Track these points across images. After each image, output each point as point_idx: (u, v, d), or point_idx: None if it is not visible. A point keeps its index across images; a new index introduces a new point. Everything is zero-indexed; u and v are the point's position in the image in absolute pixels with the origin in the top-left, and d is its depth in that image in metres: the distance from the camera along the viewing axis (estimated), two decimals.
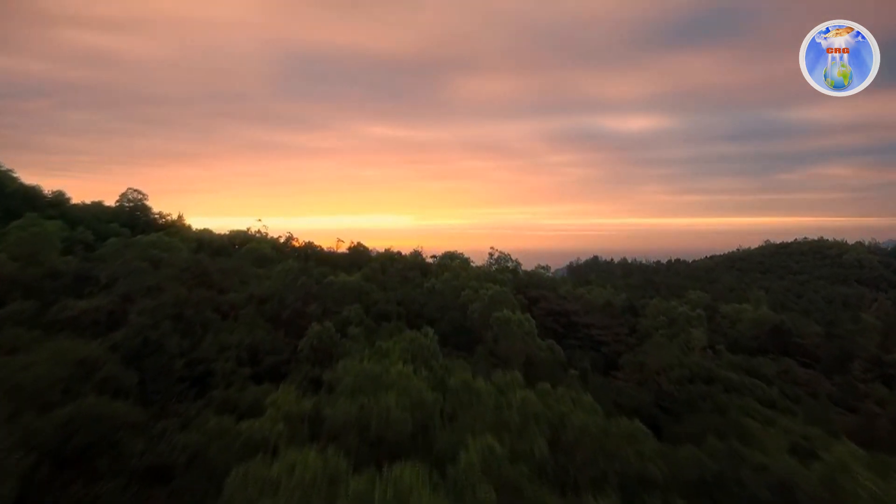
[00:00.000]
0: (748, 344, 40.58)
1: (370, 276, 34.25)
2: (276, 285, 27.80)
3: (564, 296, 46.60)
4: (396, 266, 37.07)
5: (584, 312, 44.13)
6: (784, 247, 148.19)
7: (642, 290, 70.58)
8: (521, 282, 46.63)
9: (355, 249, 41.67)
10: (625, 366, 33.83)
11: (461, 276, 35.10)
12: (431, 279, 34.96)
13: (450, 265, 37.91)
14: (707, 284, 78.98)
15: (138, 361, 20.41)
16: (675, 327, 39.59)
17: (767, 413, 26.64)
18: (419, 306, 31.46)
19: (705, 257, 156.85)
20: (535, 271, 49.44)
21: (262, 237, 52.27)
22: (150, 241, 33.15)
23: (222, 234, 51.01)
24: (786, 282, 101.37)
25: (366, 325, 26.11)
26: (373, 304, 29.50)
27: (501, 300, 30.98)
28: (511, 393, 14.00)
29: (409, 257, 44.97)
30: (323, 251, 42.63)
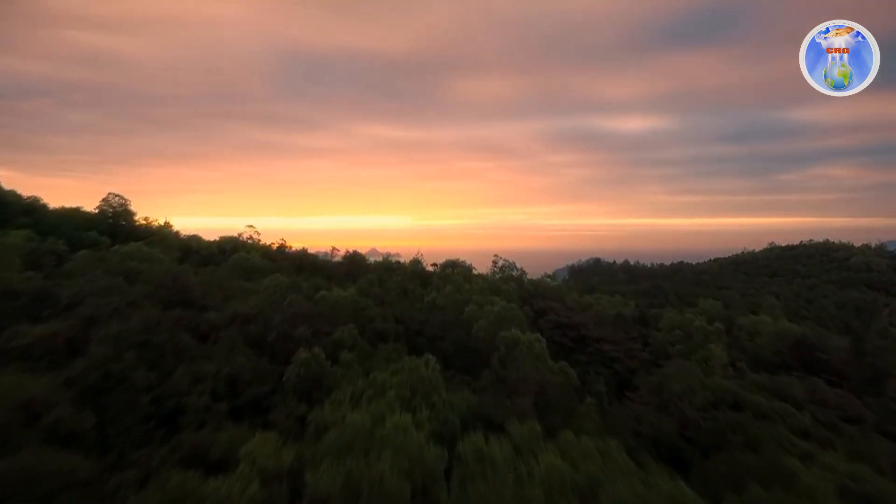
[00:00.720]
0: (769, 360, 38.12)
1: (366, 289, 31.72)
2: (262, 303, 25.28)
3: (572, 306, 44.11)
4: (395, 278, 34.59)
5: (594, 325, 41.63)
6: (790, 249, 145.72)
7: (650, 297, 68.09)
8: (527, 291, 44.15)
9: (351, 258, 39.03)
10: (641, 387, 31.38)
11: (464, 288, 32.61)
12: (432, 292, 32.46)
13: (452, 276, 35.42)
14: (716, 290, 76.51)
15: (97, 399, 17.94)
16: (692, 342, 37.08)
17: (804, 446, 24.16)
18: (419, 324, 28.95)
19: (710, 260, 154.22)
20: (542, 279, 46.96)
21: (254, 243, 49.77)
22: (128, 252, 30.62)
23: (211, 241, 48.50)
24: (794, 286, 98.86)
25: (360, 349, 23.59)
26: (369, 323, 26.99)
27: (509, 317, 28.47)
28: (532, 458, 11.53)
29: (408, 266, 42.48)
30: (317, 260, 40.09)
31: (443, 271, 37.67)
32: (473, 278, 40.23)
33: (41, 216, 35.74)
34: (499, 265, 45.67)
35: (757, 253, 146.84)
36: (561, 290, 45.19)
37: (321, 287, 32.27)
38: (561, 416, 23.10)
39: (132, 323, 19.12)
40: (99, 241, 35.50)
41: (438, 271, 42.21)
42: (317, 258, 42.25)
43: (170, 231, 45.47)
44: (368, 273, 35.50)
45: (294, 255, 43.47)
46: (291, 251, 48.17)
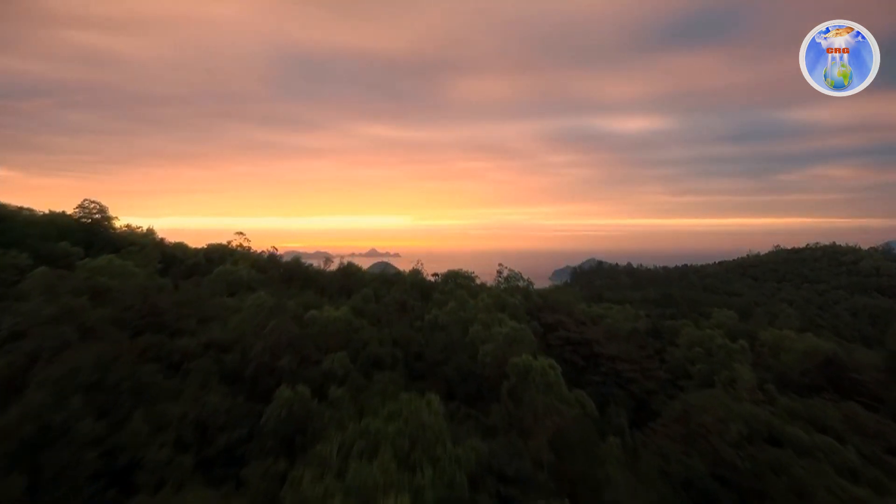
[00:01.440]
0: (797, 380, 35.38)
1: (361, 306, 28.87)
2: (242, 327, 22.45)
3: (582, 320, 41.30)
4: (393, 293, 31.72)
5: (607, 341, 38.86)
6: (796, 252, 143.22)
7: (660, 306, 65.27)
8: (535, 304, 41.33)
9: (346, 270, 36.06)
10: (664, 413, 28.56)
11: (468, 304, 29.78)
12: (433, 309, 29.61)
13: (455, 291, 32.55)
14: (726, 298, 73.77)
15: (33, 456, 15.14)
16: (714, 361, 34.26)
17: (856, 493, 21.40)
18: (419, 346, 26.12)
19: (715, 263, 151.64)
20: (550, 289, 44.14)
21: (244, 251, 46.92)
22: (97, 266, 27.72)
23: (198, 249, 45.63)
24: (804, 291, 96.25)
25: (352, 381, 20.73)
26: (363, 347, 24.14)
27: (519, 340, 25.66)
28: None
29: (407, 277, 39.65)
30: (309, 270, 37.21)
31: (444, 285, 34.76)
32: (478, 291, 37.40)
33: (7, 226, 32.76)
34: (504, 275, 42.88)
35: (763, 256, 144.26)
36: (570, 302, 42.36)
37: (311, 304, 29.42)
38: (582, 459, 20.36)
39: (83, 359, 16.25)
40: (70, 252, 32.60)
41: (440, 283, 39.40)
42: (310, 268, 39.39)
43: (153, 238, 42.59)
44: (364, 287, 32.63)
45: (285, 266, 40.62)
46: (283, 259, 45.34)
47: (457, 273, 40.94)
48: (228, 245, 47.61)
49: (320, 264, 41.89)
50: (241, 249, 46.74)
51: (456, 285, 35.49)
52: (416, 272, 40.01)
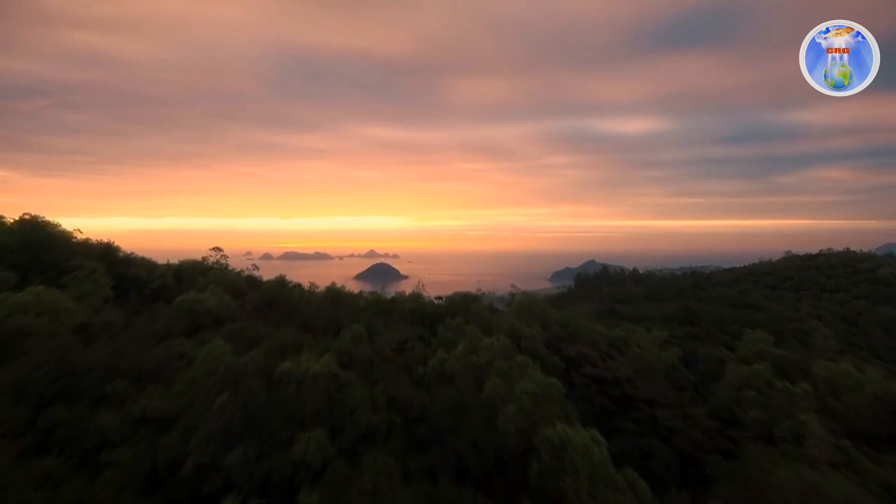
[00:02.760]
0: (867, 428, 30.16)
1: (351, 349, 23.41)
2: (190, 393, 17.03)
3: (607, 351, 35.94)
4: (388, 333, 26.12)
5: (640, 378, 33.56)
6: (810, 259, 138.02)
7: (681, 323, 59.96)
8: (554, 334, 35.91)
9: (334, 295, 30.30)
10: (724, 485, 23.27)
11: (481, 344, 24.33)
12: (439, 352, 24.15)
13: (463, 328, 27.06)
14: (750, 312, 68.45)
15: None
16: (771, 406, 28.94)
17: None
18: (421, 409, 20.68)
19: (725, 269, 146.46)
20: (570, 313, 38.82)
21: (223, 268, 41.42)
22: (19, 302, 22.24)
23: (169, 266, 40.14)
24: (826, 303, 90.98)
25: (332, 474, 15.29)
26: (350, 415, 18.69)
27: (549, 398, 20.27)
28: None
29: (407, 302, 34.25)
30: (292, 297, 31.67)
31: (451, 315, 29.20)
32: (490, 320, 32.02)
33: None
34: (516, 297, 37.56)
35: (774, 263, 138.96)
36: (593, 330, 37.02)
37: (289, 345, 23.97)
38: None
39: None
40: (1, 279, 27.12)
41: (445, 306, 34.00)
42: (293, 292, 33.89)
43: (113, 255, 37.05)
44: (355, 320, 27.19)
45: (265, 289, 35.16)
46: (262, 281, 39.87)
47: (465, 296, 35.52)
48: (204, 261, 42.14)
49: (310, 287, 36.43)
50: (218, 266, 41.28)
51: (465, 319, 30.03)
52: (418, 296, 34.63)
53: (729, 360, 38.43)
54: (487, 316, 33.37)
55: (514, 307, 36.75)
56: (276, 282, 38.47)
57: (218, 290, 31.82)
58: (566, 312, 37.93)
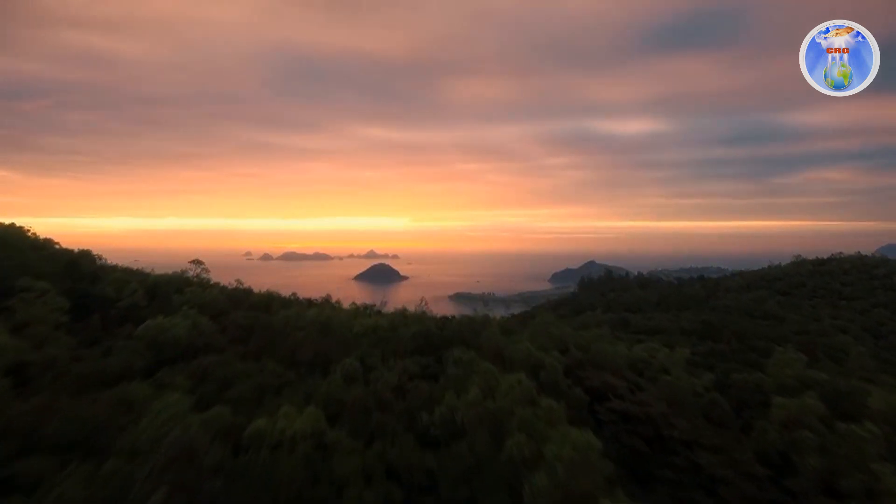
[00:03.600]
0: None
1: (340, 396, 19.37)
2: (122, 478, 13.05)
3: (635, 380, 31.88)
4: (387, 375, 21.89)
5: (673, 412, 29.54)
6: (822, 264, 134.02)
7: (702, 338, 55.97)
8: (574, 358, 31.89)
9: (325, 323, 25.82)
10: None
11: (498, 390, 20.29)
12: (447, 395, 20.14)
13: (475, 364, 22.94)
14: (771, 324, 64.52)
15: None
16: (834, 452, 24.91)
17: None
18: (428, 476, 16.69)
19: (734, 274, 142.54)
20: (591, 335, 34.80)
21: (204, 283, 37.42)
22: None
23: (146, 277, 36.15)
24: (845, 311, 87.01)
25: None
26: (337, 491, 14.69)
27: (587, 464, 16.30)
28: None
29: (410, 327, 30.20)
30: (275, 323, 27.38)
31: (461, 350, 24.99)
32: (504, 349, 28.02)
33: None
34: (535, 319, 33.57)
35: (785, 268, 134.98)
36: (615, 352, 33.06)
37: (265, 390, 19.95)
38: None
39: None
40: None
41: (453, 332, 29.96)
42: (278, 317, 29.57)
43: (79, 268, 32.99)
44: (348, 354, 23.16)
45: (249, 309, 31.14)
46: (249, 295, 35.82)
47: (472, 319, 31.48)
48: (184, 274, 38.12)
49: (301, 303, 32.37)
50: (199, 281, 37.26)
51: (475, 347, 25.99)
52: (421, 317, 30.62)
53: (765, 385, 34.41)
54: (500, 342, 29.31)
55: (530, 330, 32.74)
56: (263, 298, 34.46)
57: (192, 312, 27.79)
58: (587, 334, 33.88)
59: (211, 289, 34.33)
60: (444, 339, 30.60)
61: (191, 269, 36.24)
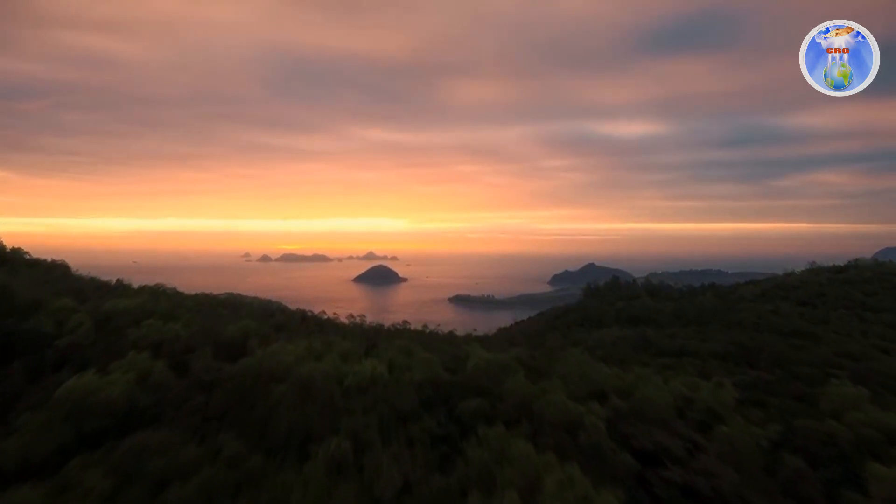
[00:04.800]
0: None
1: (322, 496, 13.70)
2: None
3: (690, 437, 26.23)
4: (391, 467, 16.29)
5: (745, 483, 23.89)
6: (840, 271, 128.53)
7: (736, 363, 50.42)
8: (613, 406, 26.20)
9: (306, 383, 19.27)
10: None
11: (544, 491, 14.64)
12: (474, 494, 14.55)
13: (510, 443, 17.22)
14: (808, 344, 58.97)
15: None
16: None
17: None
18: None
19: (748, 282, 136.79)
20: (636, 376, 29.15)
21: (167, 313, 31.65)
22: None
23: (97, 308, 30.50)
24: (877, 327, 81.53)
25: None
26: None
27: None
28: None
29: (416, 370, 24.59)
30: (247, 378, 21.44)
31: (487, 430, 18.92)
32: (534, 400, 22.39)
33: None
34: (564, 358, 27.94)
35: (801, 275, 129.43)
36: (664, 399, 27.48)
37: (214, 492, 14.27)
38: None
39: None
40: None
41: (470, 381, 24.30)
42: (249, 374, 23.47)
43: (10, 299, 27.25)
44: (333, 423, 17.59)
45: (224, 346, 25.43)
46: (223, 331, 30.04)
47: (491, 362, 25.75)
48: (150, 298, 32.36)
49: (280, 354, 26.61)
50: (160, 310, 31.46)
51: (498, 406, 20.31)
52: (428, 364, 24.93)
53: (839, 437, 28.80)
54: (527, 392, 23.69)
55: (558, 371, 27.16)
56: (240, 331, 28.80)
57: (143, 357, 22.10)
58: (628, 376, 28.32)
59: (176, 320, 28.61)
60: (457, 387, 24.93)
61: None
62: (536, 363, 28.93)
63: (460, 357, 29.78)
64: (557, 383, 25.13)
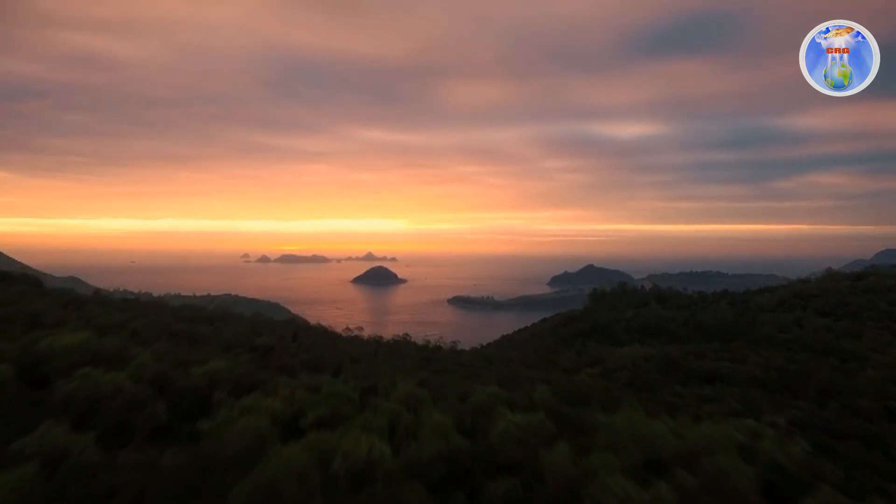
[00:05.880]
0: None
1: None
2: None
3: None
4: None
5: None
6: (859, 278, 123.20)
7: (782, 390, 44.91)
8: (676, 483, 20.58)
9: (276, 486, 14.62)
10: None
11: None
12: None
13: None
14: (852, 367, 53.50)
15: None
16: None
17: None
18: None
19: (761, 289, 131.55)
20: (698, 436, 23.25)
21: (119, 352, 25.74)
22: None
23: (40, 343, 24.57)
24: None
25: None
26: None
27: None
28: None
29: (429, 439, 19.06)
30: (195, 475, 16.10)
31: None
32: (589, 490, 16.61)
33: None
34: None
35: (819, 283, 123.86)
36: (740, 470, 21.55)
37: None
38: None
39: None
40: None
41: (494, 454, 18.69)
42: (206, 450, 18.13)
43: None
44: None
45: (183, 400, 19.81)
46: (188, 373, 24.24)
47: (522, 428, 20.23)
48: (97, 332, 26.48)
49: None
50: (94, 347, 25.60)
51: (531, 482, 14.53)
52: (442, 432, 19.44)
53: None
54: (571, 473, 17.58)
55: (603, 430, 21.20)
56: (205, 378, 22.92)
57: (57, 432, 16.23)
58: (689, 434, 22.35)
59: (118, 369, 22.69)
60: (479, 459, 19.23)
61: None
62: (575, 418, 23.03)
63: (478, 410, 23.67)
64: (608, 457, 18.98)
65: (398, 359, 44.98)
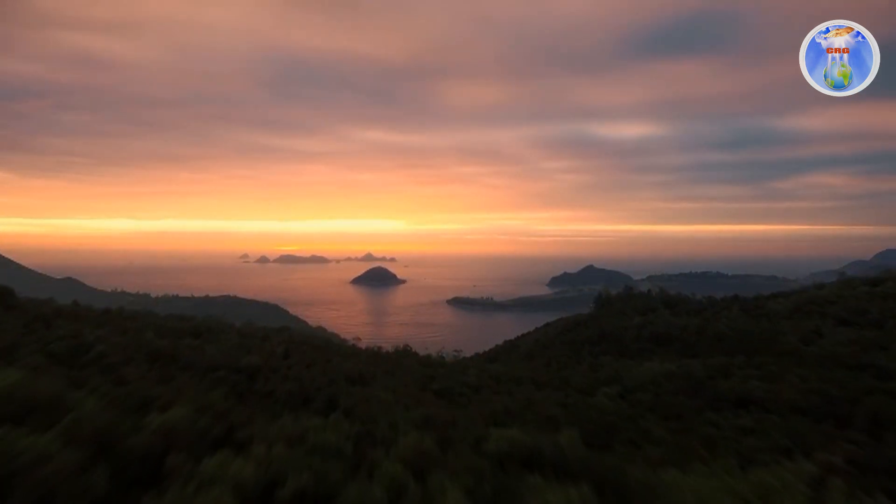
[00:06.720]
0: None
1: None
2: None
3: None
4: None
5: None
6: (876, 284, 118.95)
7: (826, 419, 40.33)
8: None
9: None
10: None
11: None
12: None
13: None
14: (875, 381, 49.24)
15: None
16: None
17: None
18: None
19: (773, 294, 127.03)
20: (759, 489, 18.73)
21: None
22: None
23: None
24: None
25: None
26: None
27: None
28: None
29: None
30: None
31: None
32: None
33: None
34: None
35: (836, 289, 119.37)
36: None
37: None
38: None
39: None
40: None
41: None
42: None
43: None
44: None
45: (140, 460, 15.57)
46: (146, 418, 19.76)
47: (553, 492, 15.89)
48: None
49: None
50: None
51: None
52: None
53: None
54: None
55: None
56: (155, 441, 18.12)
57: None
58: (750, 493, 17.67)
59: (44, 428, 17.81)
60: None
61: None
62: (621, 484, 18.22)
63: (499, 469, 18.51)
64: None
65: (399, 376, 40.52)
